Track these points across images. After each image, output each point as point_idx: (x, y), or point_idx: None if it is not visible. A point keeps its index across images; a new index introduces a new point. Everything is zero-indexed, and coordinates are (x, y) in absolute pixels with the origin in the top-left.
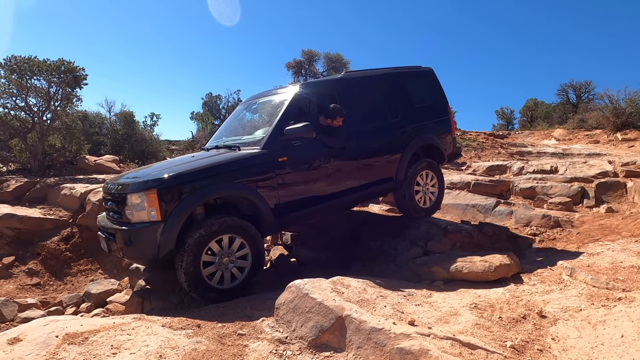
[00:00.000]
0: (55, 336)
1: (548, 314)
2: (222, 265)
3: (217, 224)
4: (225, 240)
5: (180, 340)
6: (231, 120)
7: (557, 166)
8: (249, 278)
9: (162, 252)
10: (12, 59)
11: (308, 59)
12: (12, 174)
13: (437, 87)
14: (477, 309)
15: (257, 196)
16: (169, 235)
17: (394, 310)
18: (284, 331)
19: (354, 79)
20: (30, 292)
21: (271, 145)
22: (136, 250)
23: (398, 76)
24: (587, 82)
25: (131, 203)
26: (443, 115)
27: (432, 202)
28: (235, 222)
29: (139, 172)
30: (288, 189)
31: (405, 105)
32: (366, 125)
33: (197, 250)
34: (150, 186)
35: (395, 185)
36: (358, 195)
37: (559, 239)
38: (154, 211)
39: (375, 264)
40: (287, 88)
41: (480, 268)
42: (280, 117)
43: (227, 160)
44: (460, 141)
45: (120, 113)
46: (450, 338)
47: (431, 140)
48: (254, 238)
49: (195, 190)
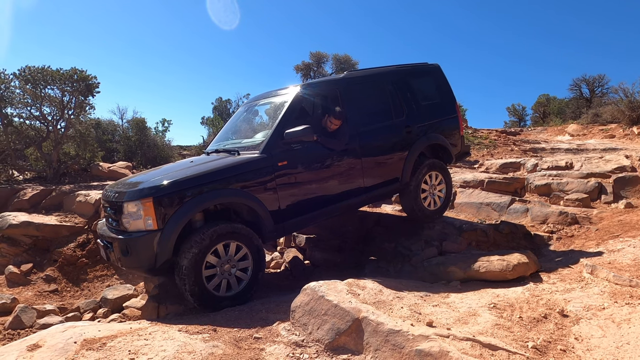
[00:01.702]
0: (73, 342)
1: (570, 313)
2: (225, 273)
3: (207, 238)
4: (220, 249)
5: (197, 344)
6: (232, 123)
7: (572, 162)
8: (254, 276)
9: (160, 261)
10: (27, 69)
11: (316, 61)
12: (28, 182)
13: (444, 84)
14: (496, 308)
15: (256, 202)
16: (165, 245)
17: (411, 312)
18: (300, 334)
19: (357, 78)
20: (48, 299)
21: (270, 149)
22: (133, 260)
23: (403, 74)
24: (600, 76)
25: (127, 212)
26: (451, 114)
27: (439, 204)
28: (225, 228)
29: (136, 178)
30: (289, 193)
31: (410, 104)
32: (370, 125)
33: (196, 269)
34: (147, 194)
35: (401, 187)
36: (362, 198)
37: (577, 236)
38: (150, 220)
39: (390, 265)
40: (288, 89)
41: (498, 267)
42: (280, 120)
43: (224, 166)
44: (472, 139)
45: (132, 120)
46: (470, 339)
47: (438, 139)
48: (248, 237)
49: (191, 198)
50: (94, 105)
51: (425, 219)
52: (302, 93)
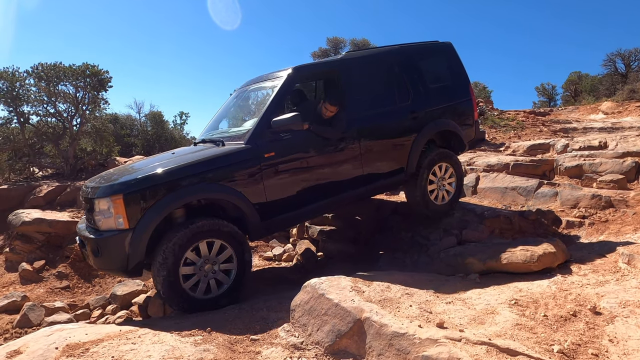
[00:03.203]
0: (55, 348)
1: (603, 310)
2: (206, 274)
3: (184, 235)
4: (203, 247)
5: (187, 349)
6: (223, 110)
7: (607, 141)
8: (237, 280)
9: (132, 262)
10: (39, 66)
11: (334, 47)
12: (46, 179)
13: (457, 64)
14: (518, 305)
15: (239, 197)
16: (137, 245)
17: (421, 310)
18: (300, 336)
19: (357, 59)
20: (59, 296)
21: (256, 139)
22: (104, 261)
23: (409, 53)
24: (636, 50)
25: (99, 209)
26: (464, 97)
27: (448, 198)
28: (205, 225)
29: (112, 172)
30: (277, 188)
31: (417, 87)
32: (371, 111)
33: (171, 266)
34: (117, 190)
35: (406, 178)
36: (361, 190)
37: (612, 220)
38: (121, 218)
39: (406, 256)
40: (281, 72)
41: (521, 258)
42: (267, 106)
43: (203, 159)
44: (498, 121)
45: (149, 113)
46: (485, 343)
47: (449, 125)
48: (231, 236)
49: (165, 195)
50: (108, 100)
51: (431, 214)
52: (295, 76)
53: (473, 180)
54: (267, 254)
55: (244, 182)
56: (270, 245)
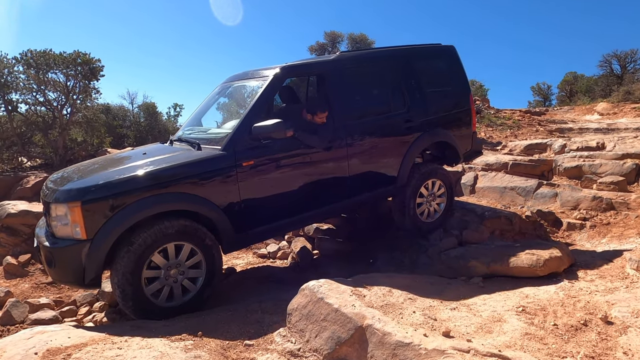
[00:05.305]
0: (34, 353)
1: (615, 320)
2: (170, 279)
3: (149, 237)
4: (171, 250)
5: (176, 355)
6: (203, 106)
7: (604, 142)
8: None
9: (88, 277)
10: (29, 52)
11: (331, 41)
12: (35, 170)
13: (459, 70)
14: (526, 313)
15: (211, 209)
16: (95, 258)
17: (425, 317)
18: (297, 342)
19: (350, 61)
20: (45, 291)
21: (234, 145)
22: (59, 273)
23: (407, 57)
24: (633, 51)
25: (55, 214)
26: (463, 106)
27: (434, 218)
28: (173, 227)
29: (77, 169)
30: (255, 199)
31: (414, 93)
32: (361, 119)
33: (131, 268)
34: (74, 197)
35: (396, 190)
36: (346, 203)
37: (614, 223)
38: (79, 227)
39: (404, 256)
40: (267, 71)
41: (527, 262)
42: (249, 109)
43: (174, 165)
44: (494, 120)
45: (142, 104)
46: (495, 355)
47: (446, 136)
48: (201, 240)
49: (128, 205)
50: (100, 90)
51: (414, 229)
52: (282, 76)
53: (471, 179)
54: (262, 251)
55: (217, 192)
56: (265, 242)
